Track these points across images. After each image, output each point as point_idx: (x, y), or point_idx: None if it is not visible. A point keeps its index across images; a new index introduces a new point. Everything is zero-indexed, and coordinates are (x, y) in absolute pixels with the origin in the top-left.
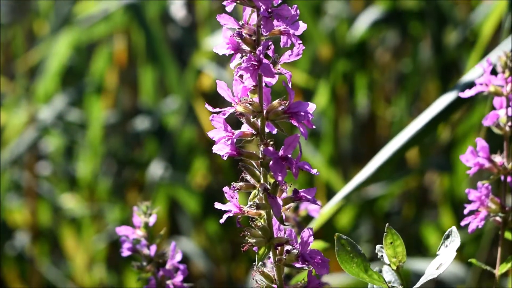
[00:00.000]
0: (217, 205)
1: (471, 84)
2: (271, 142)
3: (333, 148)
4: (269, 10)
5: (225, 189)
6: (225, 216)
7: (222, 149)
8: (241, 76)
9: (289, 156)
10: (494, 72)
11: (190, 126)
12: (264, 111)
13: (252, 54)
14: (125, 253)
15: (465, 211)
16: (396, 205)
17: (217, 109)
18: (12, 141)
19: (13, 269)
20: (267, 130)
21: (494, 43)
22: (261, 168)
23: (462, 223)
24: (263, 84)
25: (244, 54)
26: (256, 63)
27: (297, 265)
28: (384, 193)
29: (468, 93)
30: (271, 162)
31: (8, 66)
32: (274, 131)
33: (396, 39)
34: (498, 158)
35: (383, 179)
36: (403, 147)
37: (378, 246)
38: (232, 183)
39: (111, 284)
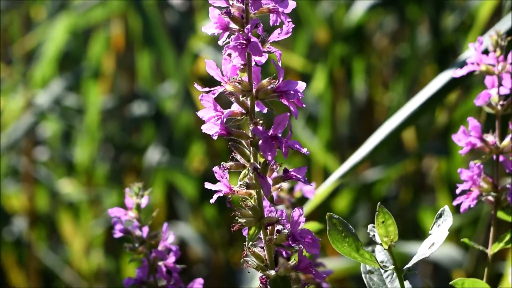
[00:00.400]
0: (207, 185)
1: (464, 64)
2: (261, 122)
3: (330, 133)
4: None
5: (215, 169)
6: (215, 196)
7: (211, 129)
8: (229, 55)
9: (279, 135)
10: (487, 52)
11: (187, 111)
12: (254, 90)
13: (240, 32)
14: (117, 234)
15: (457, 191)
16: (394, 190)
17: (206, 89)
18: (9, 126)
19: (11, 254)
20: (257, 109)
21: (491, 27)
22: (251, 148)
23: (454, 203)
24: (253, 63)
25: (232, 33)
26: (244, 41)
27: (288, 244)
28: (381, 177)
29: (459, 72)
30: (260, 141)
31: (5, 51)
32: (265, 110)
33: (394, 24)
34: (490, 138)
35: (380, 163)
36: (399, 127)
37: (370, 226)
38: (222, 163)
39: (109, 269)
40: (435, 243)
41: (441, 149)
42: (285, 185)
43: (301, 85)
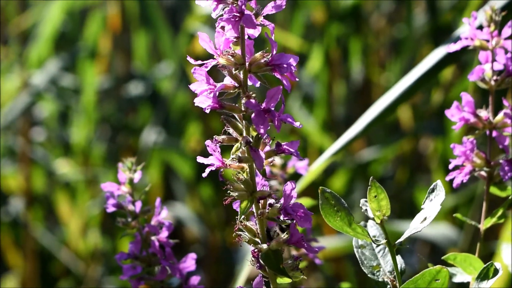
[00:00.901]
0: (199, 159)
1: (458, 40)
2: (254, 95)
3: (326, 113)
4: None
5: (208, 142)
6: (207, 170)
7: (204, 102)
8: (223, 28)
9: (272, 108)
10: (482, 28)
11: (183, 91)
12: (247, 63)
13: (234, 5)
14: (110, 209)
15: (450, 166)
16: (390, 170)
17: (199, 62)
18: (5, 107)
19: (7, 235)
20: (250, 83)
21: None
22: (244, 121)
23: (447, 178)
24: (246, 36)
25: (226, 6)
26: (238, 14)
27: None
28: (377, 157)
29: (453, 47)
30: (253, 115)
31: (1, 31)
32: (257, 84)
33: (391, 4)
34: (483, 113)
35: (376, 142)
36: (394, 103)
37: (362, 200)
38: (214, 136)
39: (106, 249)
40: (427, 217)
41: (437, 129)
42: (278, 161)
43: (294, 59)
